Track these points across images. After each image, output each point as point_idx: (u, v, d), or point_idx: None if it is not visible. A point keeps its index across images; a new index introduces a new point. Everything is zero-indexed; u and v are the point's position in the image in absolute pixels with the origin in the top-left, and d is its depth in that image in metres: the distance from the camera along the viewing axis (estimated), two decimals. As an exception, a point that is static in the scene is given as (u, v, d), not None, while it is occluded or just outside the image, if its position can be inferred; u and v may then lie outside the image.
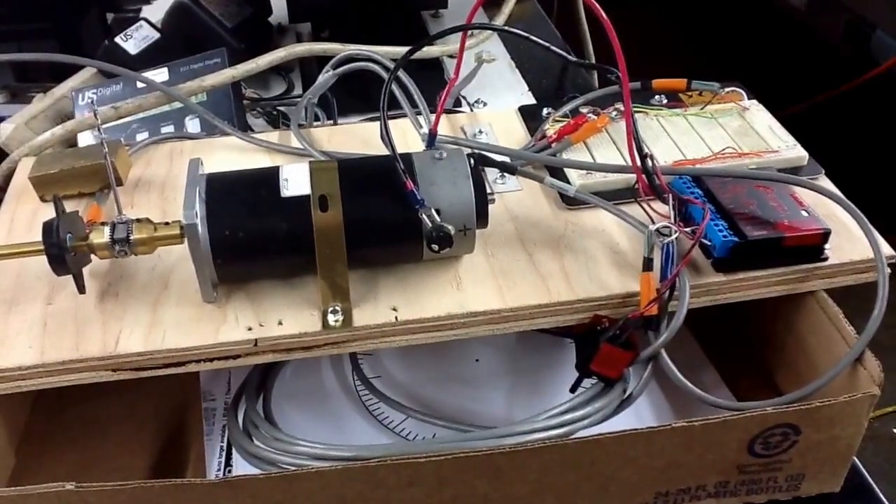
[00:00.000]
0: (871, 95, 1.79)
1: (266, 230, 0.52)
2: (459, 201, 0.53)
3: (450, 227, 0.51)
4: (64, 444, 0.60)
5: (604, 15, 0.52)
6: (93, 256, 0.53)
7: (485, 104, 0.89)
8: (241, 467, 0.57)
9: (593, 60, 1.15)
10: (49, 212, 0.52)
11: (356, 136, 0.70)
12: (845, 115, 1.86)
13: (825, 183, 0.61)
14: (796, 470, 0.53)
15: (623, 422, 0.53)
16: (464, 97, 0.88)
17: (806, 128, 0.71)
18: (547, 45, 0.67)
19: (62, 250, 0.51)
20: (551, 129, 0.66)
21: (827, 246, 0.55)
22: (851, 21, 1.93)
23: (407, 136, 0.68)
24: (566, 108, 0.68)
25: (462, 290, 0.54)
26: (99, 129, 0.56)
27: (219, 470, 0.58)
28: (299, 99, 0.73)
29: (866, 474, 0.57)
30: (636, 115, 0.66)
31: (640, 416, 0.60)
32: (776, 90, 0.98)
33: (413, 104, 0.68)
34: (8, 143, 0.74)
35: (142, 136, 0.74)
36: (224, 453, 0.59)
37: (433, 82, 0.76)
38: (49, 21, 0.90)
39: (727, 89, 0.68)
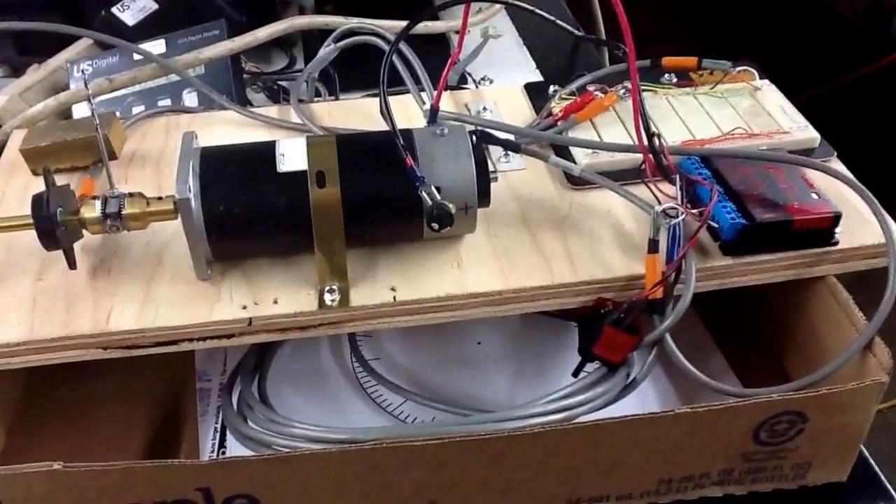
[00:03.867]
0: (891, 79, 1.77)
1: (262, 206, 0.50)
2: (461, 178, 0.51)
3: (450, 205, 0.49)
4: (56, 423, 0.59)
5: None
6: (85, 231, 0.52)
7: (491, 81, 0.87)
8: (235, 449, 0.56)
9: (604, 37, 1.13)
10: (41, 185, 0.51)
11: (358, 112, 0.69)
12: (864, 99, 1.83)
13: (837, 165, 0.60)
14: (803, 458, 0.52)
15: (626, 407, 0.51)
16: (469, 74, 0.87)
17: (824, 110, 0.70)
18: (554, 19, 0.66)
19: (52, 224, 0.49)
20: (557, 106, 0.64)
21: (837, 230, 0.54)
22: (872, 2, 1.90)
23: (409, 112, 0.66)
24: (573, 86, 0.67)
25: (463, 270, 0.53)
26: (90, 101, 0.54)
27: (212, 451, 0.57)
28: (300, 73, 0.71)
29: (873, 463, 0.56)
30: (644, 94, 0.64)
31: (643, 401, 0.58)
32: (794, 72, 0.96)
33: (416, 80, 0.66)
34: (0, 115, 0.72)
35: (138, 110, 0.72)
36: (218, 435, 0.58)
37: (439, 58, 0.74)
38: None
39: (739, 68, 0.66)
